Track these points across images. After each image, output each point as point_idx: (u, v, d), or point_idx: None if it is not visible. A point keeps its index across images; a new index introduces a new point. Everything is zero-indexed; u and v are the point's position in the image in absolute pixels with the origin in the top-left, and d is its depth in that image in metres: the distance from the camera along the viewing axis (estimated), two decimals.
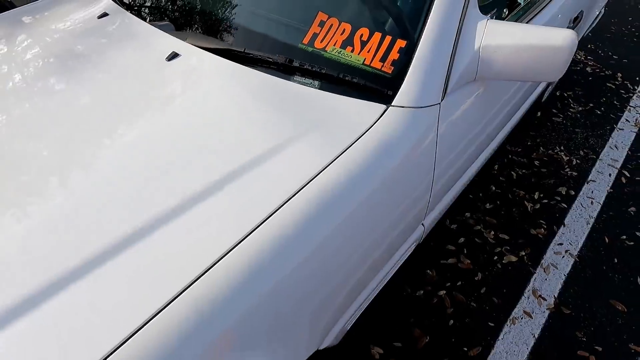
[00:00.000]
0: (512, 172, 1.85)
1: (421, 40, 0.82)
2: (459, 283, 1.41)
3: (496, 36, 0.84)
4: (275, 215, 0.62)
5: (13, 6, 2.23)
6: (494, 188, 1.77)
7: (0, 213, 0.62)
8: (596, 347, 1.25)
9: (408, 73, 0.80)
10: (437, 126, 0.83)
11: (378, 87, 0.81)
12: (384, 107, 0.79)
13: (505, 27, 0.85)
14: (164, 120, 0.77)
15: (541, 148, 1.98)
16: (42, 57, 0.95)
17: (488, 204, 1.70)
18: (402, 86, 0.80)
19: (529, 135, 2.05)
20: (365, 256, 0.78)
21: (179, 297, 0.52)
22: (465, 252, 1.51)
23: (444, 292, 1.39)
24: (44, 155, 0.71)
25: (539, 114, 2.19)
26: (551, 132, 2.08)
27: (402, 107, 0.79)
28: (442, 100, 0.83)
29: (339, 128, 0.75)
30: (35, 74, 0.90)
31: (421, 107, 0.80)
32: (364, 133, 0.75)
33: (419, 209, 0.91)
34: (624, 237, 1.58)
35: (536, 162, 1.90)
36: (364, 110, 0.78)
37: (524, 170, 1.86)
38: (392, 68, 0.82)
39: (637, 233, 1.59)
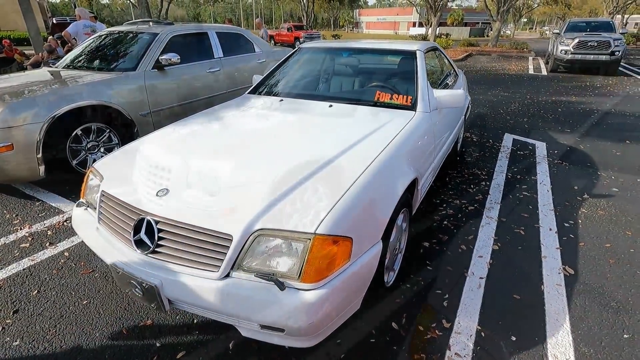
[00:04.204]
0: (456, 180, 3.36)
1: (418, 96, 2.35)
2: (451, 219, 2.69)
3: (440, 94, 2.42)
4: (395, 139, 1.95)
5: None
6: (450, 186, 3.23)
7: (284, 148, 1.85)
8: (521, 228, 2.56)
9: (417, 103, 2.30)
10: (432, 120, 2.30)
11: (408, 108, 2.29)
12: (413, 112, 2.25)
13: (441, 91, 2.44)
14: (333, 123, 2.10)
15: (465, 169, 3.59)
16: (270, 113, 2.26)
17: (450, 192, 3.12)
18: (417, 106, 2.28)
19: (457, 167, 3.68)
20: (419, 163, 2.09)
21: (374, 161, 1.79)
22: (448, 209, 2.83)
23: (446, 221, 2.64)
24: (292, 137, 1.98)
25: (458, 157, 3.89)
26: (468, 164, 3.75)
27: (418, 111, 2.26)
28: (430, 112, 2.32)
29: (400, 118, 2.17)
30: (270, 120, 2.20)
31: (424, 112, 2.28)
32: (411, 119, 2.17)
33: (432, 153, 2.29)
34: (518, 194, 3.08)
35: (466, 175, 3.47)
36: (407, 113, 2.23)
37: (461, 179, 3.39)
38: (410, 103, 2.32)
39: (525, 193, 3.11)
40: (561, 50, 10.56)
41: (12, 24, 20.67)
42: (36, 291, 1.96)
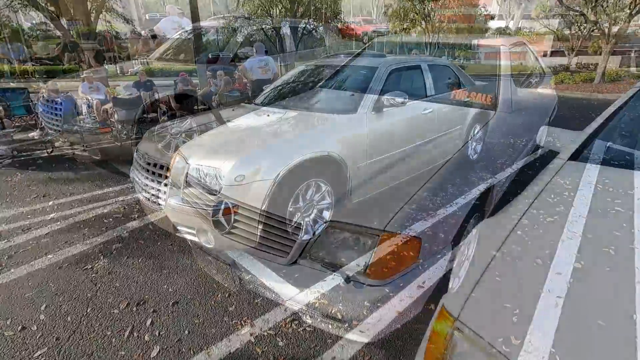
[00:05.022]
0: (535, 187, 3.08)
1: (499, 95, 2.20)
2: (526, 229, 2.48)
3: (524, 93, 2.23)
4: (471, 141, 1.84)
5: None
6: (527, 193, 2.97)
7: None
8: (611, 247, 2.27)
9: (498, 103, 2.15)
10: (513, 121, 2.14)
11: (488, 107, 2.15)
12: (493, 112, 2.10)
13: (525, 90, 2.25)
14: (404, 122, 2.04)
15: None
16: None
17: (527, 200, 2.87)
18: (498, 106, 2.13)
19: (538, 172, 3.36)
20: (496, 167, 1.95)
21: None
22: (524, 218, 2.61)
23: (520, 231, 2.44)
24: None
25: (538, 162, 3.56)
26: (549, 170, 3.41)
27: (499, 111, 2.11)
28: (512, 112, 2.16)
29: (479, 118, 2.04)
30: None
31: (505, 112, 2.12)
32: (490, 119, 2.04)
33: (512, 156, 2.13)
34: (609, 209, 2.73)
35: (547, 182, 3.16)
36: (486, 113, 2.09)
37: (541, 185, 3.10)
38: (490, 102, 2.17)
39: (618, 209, 2.74)
40: None
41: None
42: (126, 257, 2.23)
